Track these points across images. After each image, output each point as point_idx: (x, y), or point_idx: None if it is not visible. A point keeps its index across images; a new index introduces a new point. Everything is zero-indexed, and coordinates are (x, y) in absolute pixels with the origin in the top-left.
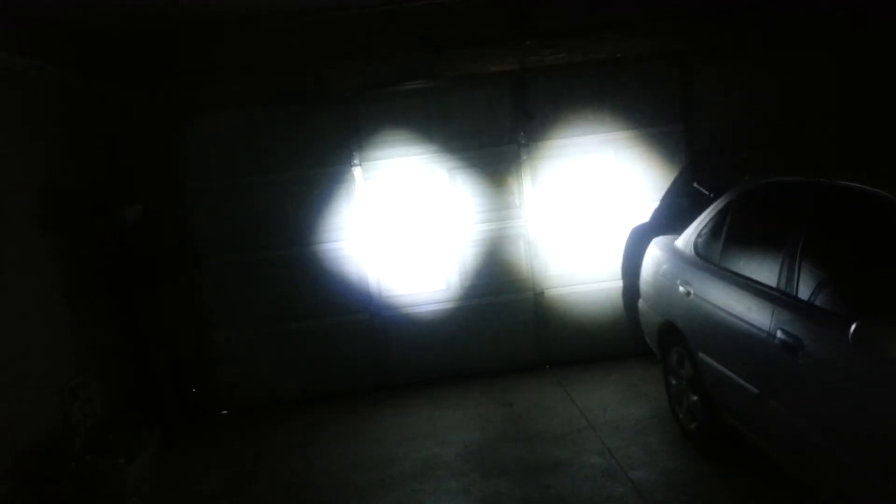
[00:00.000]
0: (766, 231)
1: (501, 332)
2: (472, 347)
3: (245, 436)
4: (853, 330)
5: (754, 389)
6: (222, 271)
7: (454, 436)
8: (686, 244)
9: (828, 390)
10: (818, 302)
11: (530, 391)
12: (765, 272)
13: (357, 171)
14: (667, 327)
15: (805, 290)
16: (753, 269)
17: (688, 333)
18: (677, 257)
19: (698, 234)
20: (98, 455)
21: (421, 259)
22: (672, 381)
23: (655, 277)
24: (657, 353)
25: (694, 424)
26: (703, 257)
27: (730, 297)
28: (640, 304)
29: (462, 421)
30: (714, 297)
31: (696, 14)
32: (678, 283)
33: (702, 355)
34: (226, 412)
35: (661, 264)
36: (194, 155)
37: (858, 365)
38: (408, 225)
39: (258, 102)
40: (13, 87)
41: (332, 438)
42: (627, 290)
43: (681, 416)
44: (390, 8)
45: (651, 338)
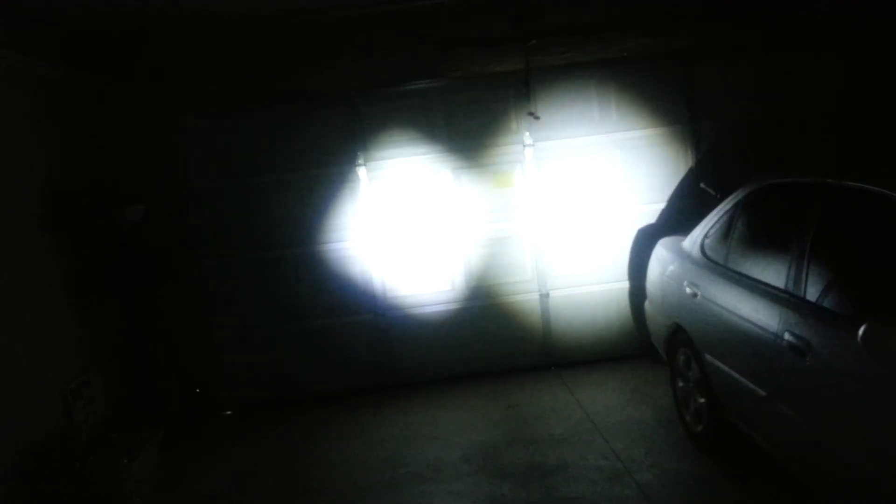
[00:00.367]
0: (773, 232)
1: (506, 334)
2: (477, 348)
3: (247, 436)
4: (862, 332)
5: (762, 392)
6: (225, 271)
7: (459, 437)
8: (693, 245)
9: (836, 392)
10: (826, 303)
11: (535, 393)
12: (772, 273)
13: (361, 171)
14: (673, 329)
15: (813, 291)
16: (761, 270)
17: (694, 335)
18: (684, 258)
19: (705, 235)
20: (100, 454)
21: (425, 259)
22: (678, 383)
23: (662, 279)
24: (663, 355)
25: (700, 427)
26: (710, 258)
27: (737, 298)
28: (647, 305)
29: (467, 422)
30: (721, 299)
31: (700, 14)
32: (685, 284)
33: (709, 357)
34: (229, 412)
35: (667, 265)
36: (196, 154)
37: (867, 367)
38: (412, 225)
39: (260, 102)
40: (13, 87)
41: (336, 439)
42: (634, 292)
43: (687, 418)
44: (393, 7)
45: (657, 339)
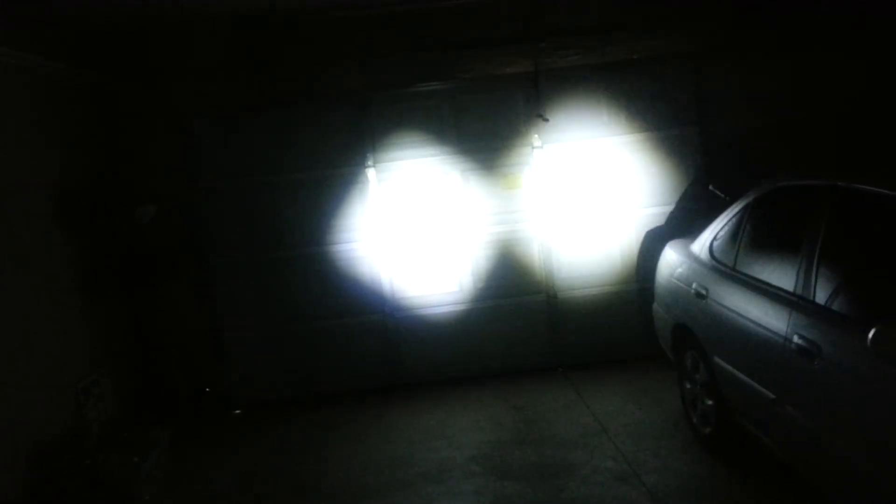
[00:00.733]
0: (782, 234)
1: (514, 335)
2: (485, 349)
3: (257, 435)
4: (872, 335)
5: (770, 394)
6: (234, 271)
7: (467, 438)
8: (702, 248)
9: (845, 395)
10: (835, 306)
11: (543, 394)
12: (781, 276)
13: (370, 173)
14: (681, 331)
15: (822, 294)
16: (770, 272)
17: (703, 337)
18: (693, 261)
19: (714, 238)
20: (112, 452)
21: (434, 260)
22: (686, 385)
23: (670, 281)
24: (671, 357)
25: (708, 429)
26: (718, 261)
27: (746, 300)
28: (655, 307)
29: (475, 423)
30: (730, 301)
31: (709, 14)
32: (693, 286)
33: (717, 359)
34: (238, 412)
35: (675, 268)
36: (206, 154)
37: (877, 370)
38: (421, 226)
39: (270, 102)
40: (26, 87)
41: (344, 438)
42: (642, 294)
43: (695, 420)
44: (402, 8)
45: (665, 341)
